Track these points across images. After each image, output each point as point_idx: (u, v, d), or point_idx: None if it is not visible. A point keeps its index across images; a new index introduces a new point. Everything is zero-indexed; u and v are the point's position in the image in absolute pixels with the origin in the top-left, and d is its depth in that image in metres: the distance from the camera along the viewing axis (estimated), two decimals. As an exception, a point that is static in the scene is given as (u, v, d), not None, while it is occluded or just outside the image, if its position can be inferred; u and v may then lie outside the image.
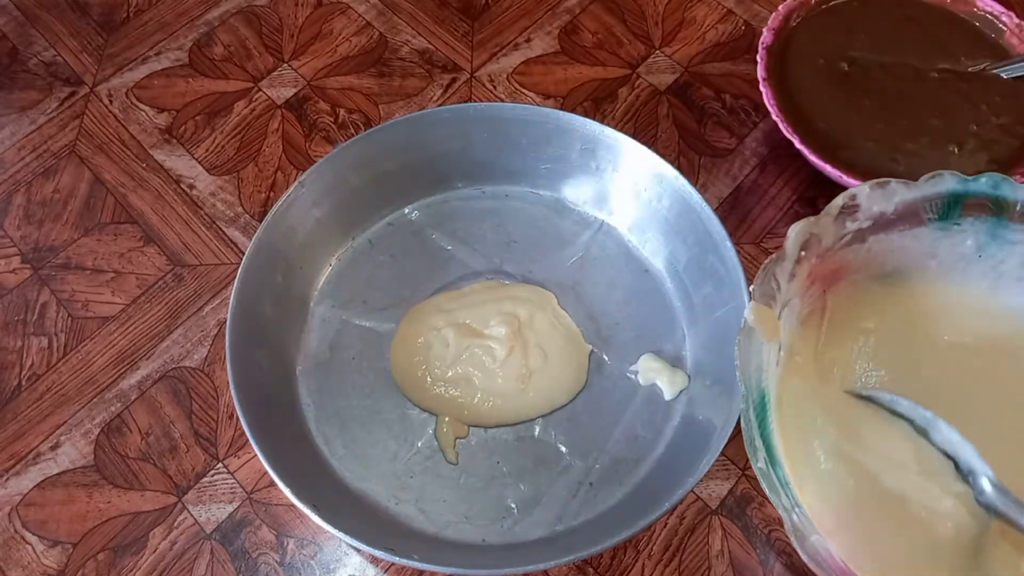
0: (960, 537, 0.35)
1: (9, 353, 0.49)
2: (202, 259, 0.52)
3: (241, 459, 0.46)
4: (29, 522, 0.44)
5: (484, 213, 0.52)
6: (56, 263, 0.52)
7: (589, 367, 0.47)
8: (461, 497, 0.43)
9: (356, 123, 0.57)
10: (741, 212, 0.54)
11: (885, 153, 0.50)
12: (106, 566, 0.43)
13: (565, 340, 0.47)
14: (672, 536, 0.44)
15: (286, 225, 0.46)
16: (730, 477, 0.45)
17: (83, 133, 0.57)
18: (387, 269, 0.50)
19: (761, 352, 0.37)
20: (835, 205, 0.36)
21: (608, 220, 0.51)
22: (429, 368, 0.46)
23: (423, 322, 0.48)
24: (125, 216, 0.53)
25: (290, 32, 0.62)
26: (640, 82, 0.59)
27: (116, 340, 0.49)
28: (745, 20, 0.62)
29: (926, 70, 0.53)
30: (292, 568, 0.43)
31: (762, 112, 0.57)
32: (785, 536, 0.44)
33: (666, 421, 0.45)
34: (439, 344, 0.46)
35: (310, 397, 0.46)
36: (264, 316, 0.45)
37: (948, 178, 0.36)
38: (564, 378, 0.46)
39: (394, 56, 0.60)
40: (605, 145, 0.48)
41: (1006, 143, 0.50)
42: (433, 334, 0.47)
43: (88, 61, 0.60)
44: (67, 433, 0.47)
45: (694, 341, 0.47)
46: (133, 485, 0.45)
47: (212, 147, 0.56)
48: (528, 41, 0.61)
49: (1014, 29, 0.54)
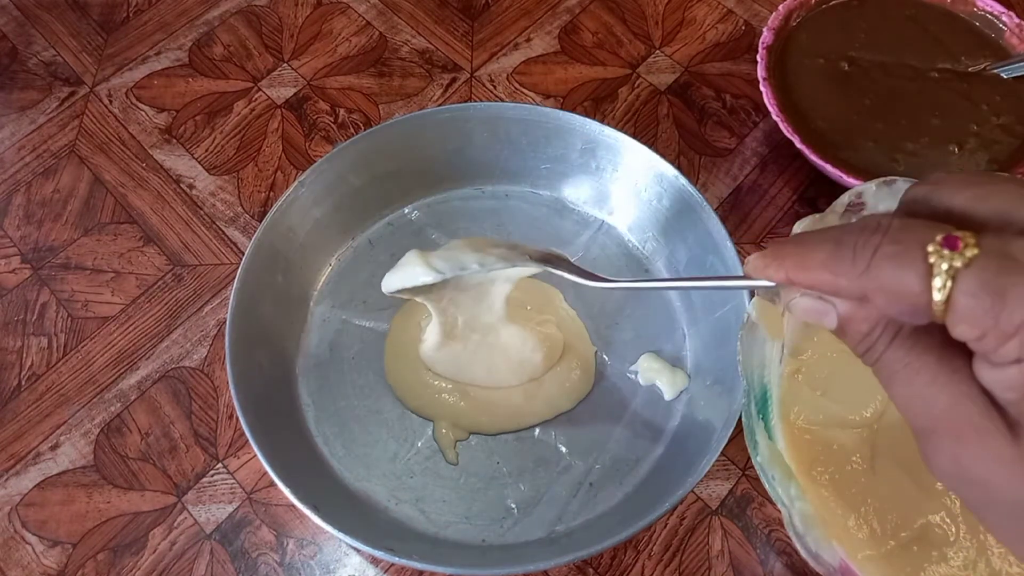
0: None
1: (9, 353, 0.49)
2: (202, 259, 0.52)
3: (241, 459, 0.46)
4: (29, 522, 0.44)
5: (484, 213, 0.52)
6: (56, 263, 0.52)
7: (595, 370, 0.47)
8: (461, 497, 0.43)
9: (356, 123, 0.57)
10: (741, 212, 0.54)
11: (885, 153, 0.50)
12: (106, 566, 0.43)
13: (576, 341, 0.47)
14: (672, 536, 0.44)
15: (286, 225, 0.46)
16: (730, 477, 0.45)
17: (83, 133, 0.57)
18: (387, 269, 0.49)
19: (764, 348, 0.37)
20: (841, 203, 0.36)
21: (608, 220, 0.51)
22: (431, 364, 0.46)
23: (418, 321, 0.47)
24: (125, 216, 0.53)
25: (290, 32, 0.62)
26: (640, 82, 0.59)
27: (116, 340, 0.49)
28: (745, 20, 0.62)
29: (926, 70, 0.53)
30: (292, 568, 0.43)
31: (762, 112, 0.57)
32: (785, 536, 0.44)
33: (666, 421, 0.45)
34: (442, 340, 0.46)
35: (310, 397, 0.46)
36: (264, 316, 0.45)
37: (954, 177, 0.36)
38: (572, 383, 0.46)
39: (394, 56, 0.60)
40: (605, 145, 0.48)
41: (1006, 143, 0.50)
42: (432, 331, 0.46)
43: (88, 61, 0.60)
44: (67, 433, 0.46)
45: (694, 341, 0.47)
46: (133, 485, 0.45)
47: (212, 147, 0.56)
48: (528, 41, 0.61)
49: (1014, 29, 0.54)
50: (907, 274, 0.20)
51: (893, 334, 0.22)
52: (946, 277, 0.19)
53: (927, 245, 0.19)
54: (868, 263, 0.20)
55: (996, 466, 0.20)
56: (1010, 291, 0.18)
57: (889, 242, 0.20)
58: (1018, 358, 0.19)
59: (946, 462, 0.21)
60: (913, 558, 0.36)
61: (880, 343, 0.22)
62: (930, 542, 0.36)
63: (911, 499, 0.36)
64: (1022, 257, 0.19)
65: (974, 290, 0.19)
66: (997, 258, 0.19)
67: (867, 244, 0.21)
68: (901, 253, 0.20)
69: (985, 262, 0.19)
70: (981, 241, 0.19)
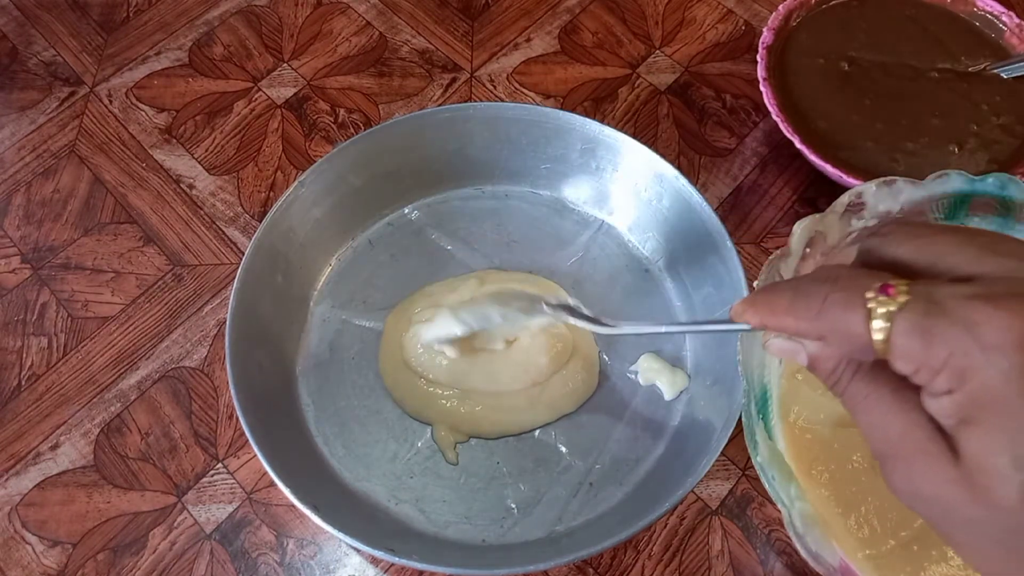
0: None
1: (9, 353, 0.49)
2: (202, 259, 0.52)
3: (241, 459, 0.46)
4: (29, 522, 0.44)
5: (484, 213, 0.52)
6: (56, 263, 0.52)
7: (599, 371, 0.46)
8: (461, 497, 0.43)
9: (356, 123, 0.57)
10: (741, 212, 0.54)
11: (885, 153, 0.50)
12: (106, 566, 0.43)
13: (581, 342, 0.46)
14: (672, 536, 0.44)
15: (286, 225, 0.46)
16: (730, 477, 0.45)
17: (83, 133, 0.57)
18: (387, 269, 0.50)
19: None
20: (841, 203, 0.36)
21: (608, 220, 0.51)
22: (425, 370, 0.45)
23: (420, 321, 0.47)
24: (125, 216, 0.53)
25: (290, 32, 0.62)
26: (640, 82, 0.59)
27: (116, 340, 0.49)
28: (745, 20, 0.62)
29: (926, 70, 0.53)
30: (292, 568, 0.43)
31: (762, 112, 0.57)
32: (785, 536, 0.44)
33: (666, 421, 0.45)
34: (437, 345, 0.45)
35: (310, 397, 0.46)
36: (264, 316, 0.45)
37: (955, 178, 0.36)
38: (577, 386, 0.45)
39: (394, 56, 0.60)
40: (605, 145, 0.48)
41: (1006, 143, 0.50)
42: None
43: (88, 61, 0.60)
44: (67, 433, 0.46)
45: (694, 341, 0.47)
46: (133, 485, 0.45)
47: (212, 147, 0.56)
48: (528, 41, 0.61)
49: (1014, 29, 0.54)
50: (851, 318, 0.22)
51: (854, 370, 0.25)
52: (884, 320, 0.22)
53: (867, 292, 0.22)
54: (820, 308, 0.23)
55: (943, 486, 0.22)
56: (935, 332, 0.21)
57: (837, 290, 0.23)
58: (948, 389, 0.21)
59: (902, 483, 0.23)
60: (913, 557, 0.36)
61: (844, 378, 0.25)
62: (930, 541, 0.36)
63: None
64: (945, 302, 0.21)
65: (906, 331, 0.21)
66: (924, 303, 0.21)
67: (818, 293, 0.24)
68: (845, 300, 0.23)
69: (914, 306, 0.21)
70: (912, 288, 0.22)
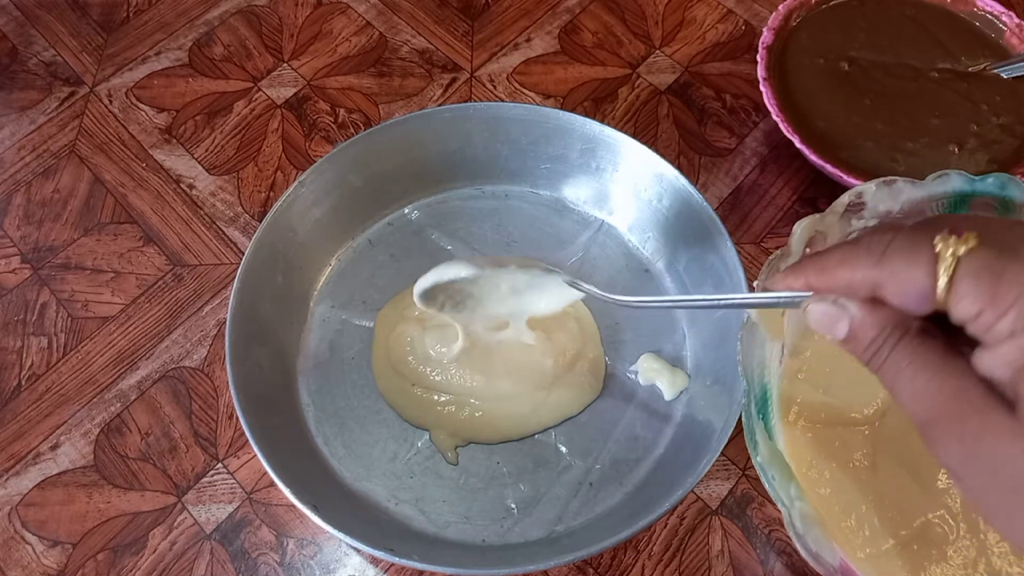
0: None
1: (9, 353, 0.49)
2: (202, 259, 0.52)
3: (241, 459, 0.46)
4: (29, 522, 0.44)
5: (484, 213, 0.52)
6: (56, 263, 0.52)
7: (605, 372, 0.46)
8: (461, 497, 0.43)
9: (356, 123, 0.57)
10: (741, 212, 0.54)
11: (885, 153, 0.50)
12: (106, 566, 0.43)
13: (588, 344, 0.46)
14: (672, 536, 0.44)
15: (286, 225, 0.46)
16: (730, 477, 0.45)
17: (83, 133, 0.57)
18: (387, 269, 0.50)
19: (764, 348, 0.37)
20: (841, 203, 0.36)
21: (608, 220, 0.51)
22: (418, 377, 0.45)
23: (408, 320, 0.46)
24: (125, 216, 0.53)
25: (290, 32, 0.62)
26: (640, 82, 0.59)
27: (116, 340, 0.49)
28: (745, 20, 0.62)
29: (926, 70, 0.53)
30: (292, 568, 0.43)
31: (762, 112, 0.57)
32: (785, 536, 0.44)
33: (666, 421, 0.45)
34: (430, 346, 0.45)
35: (310, 397, 0.46)
36: (264, 316, 0.45)
37: (955, 177, 0.36)
38: (582, 390, 0.45)
39: (394, 56, 0.60)
40: (605, 145, 0.48)
41: (1006, 143, 0.50)
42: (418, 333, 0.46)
43: (88, 61, 0.60)
44: (67, 433, 0.46)
45: (694, 341, 0.47)
46: (133, 485, 0.45)
47: (212, 147, 0.56)
48: (528, 41, 0.61)
49: (1014, 29, 0.54)
50: (917, 258, 0.23)
51: (899, 337, 0.24)
52: (951, 261, 0.22)
53: (935, 237, 0.22)
54: (882, 254, 0.24)
55: (998, 440, 0.22)
56: (1007, 271, 0.21)
57: (902, 236, 0.24)
58: (1012, 332, 0.21)
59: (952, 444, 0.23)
60: (913, 557, 0.36)
61: (887, 345, 0.24)
62: (930, 541, 0.36)
63: (912, 498, 0.36)
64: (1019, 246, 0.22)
65: (975, 270, 0.22)
66: (997, 246, 0.22)
67: (881, 240, 0.24)
68: (911, 243, 0.23)
69: (986, 250, 0.22)
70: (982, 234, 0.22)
